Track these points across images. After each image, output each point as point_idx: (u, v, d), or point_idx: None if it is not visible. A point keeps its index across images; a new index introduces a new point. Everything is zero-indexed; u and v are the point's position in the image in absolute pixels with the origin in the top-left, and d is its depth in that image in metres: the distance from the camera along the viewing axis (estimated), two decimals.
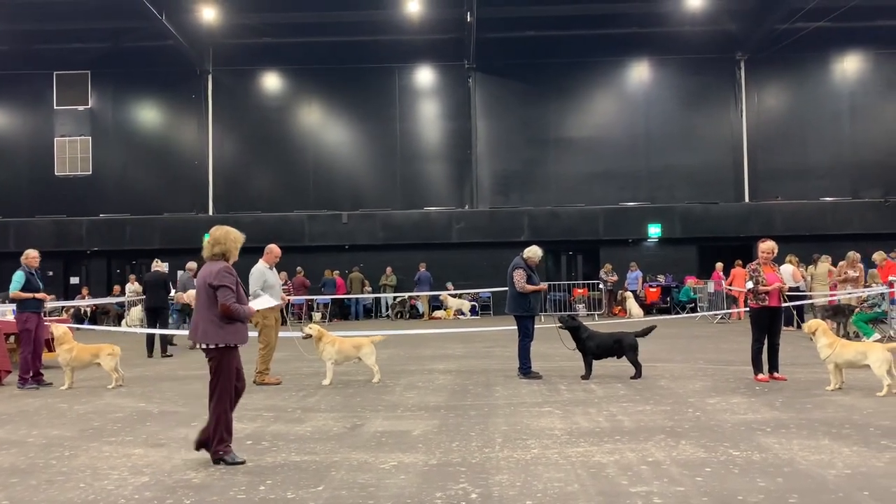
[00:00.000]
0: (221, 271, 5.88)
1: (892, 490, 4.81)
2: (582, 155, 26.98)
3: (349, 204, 26.79)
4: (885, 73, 27.01)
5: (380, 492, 5.06)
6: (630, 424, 7.08)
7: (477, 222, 26.37)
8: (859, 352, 8.61)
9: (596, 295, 24.28)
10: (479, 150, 27.30)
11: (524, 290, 10.27)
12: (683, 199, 26.42)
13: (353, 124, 27.84)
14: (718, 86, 27.21)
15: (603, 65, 27.21)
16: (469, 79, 27.26)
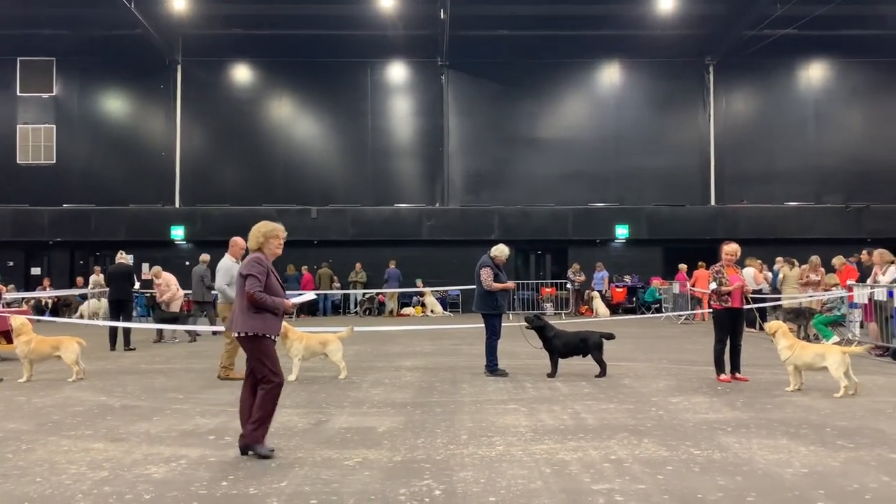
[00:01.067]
0: (251, 261, 6.03)
1: (846, 489, 4.92)
2: (553, 155, 27.13)
3: (319, 199, 26.63)
4: (848, 82, 27.58)
5: (343, 488, 5.04)
6: (594, 422, 7.14)
7: (447, 220, 26.40)
8: (818, 354, 8.78)
9: (563, 294, 24.45)
10: (450, 148, 27.32)
11: (491, 288, 10.32)
12: (651, 201, 26.71)
13: (325, 119, 27.69)
14: (688, 89, 27.56)
15: (575, 66, 27.40)
16: (442, 76, 27.26)
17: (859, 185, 26.72)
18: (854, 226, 25.81)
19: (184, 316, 16.88)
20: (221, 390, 9.25)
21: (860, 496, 4.77)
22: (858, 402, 8.09)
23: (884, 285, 12.34)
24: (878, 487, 4.94)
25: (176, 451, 6.08)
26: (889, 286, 12.14)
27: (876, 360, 11.81)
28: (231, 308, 10.08)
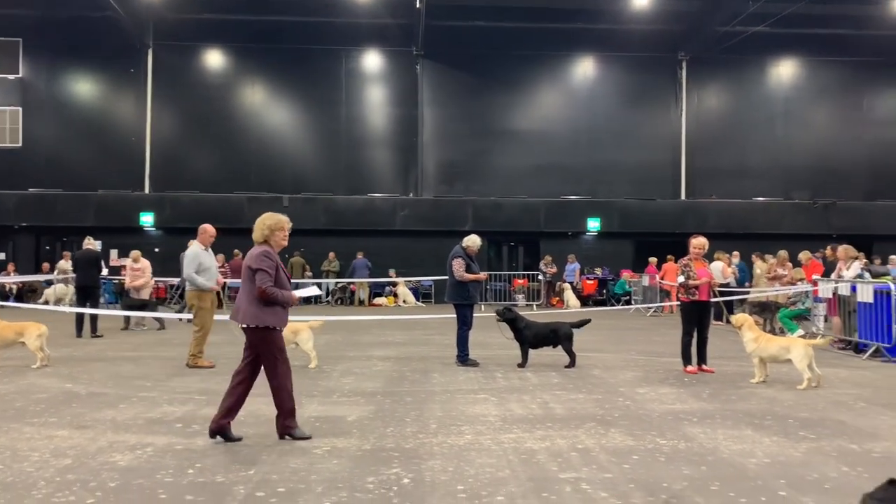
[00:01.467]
0: (260, 255, 6.03)
1: (807, 479, 5.02)
2: (526, 147, 27.20)
3: (291, 187, 26.41)
4: (818, 80, 28.01)
5: (311, 476, 5.04)
6: (562, 412, 7.21)
7: (421, 210, 26.37)
8: (782, 347, 8.94)
9: (535, 286, 24.59)
10: (424, 139, 27.27)
11: (463, 278, 10.34)
12: (622, 195, 26.93)
13: (298, 106, 27.47)
14: (660, 84, 27.78)
15: (549, 59, 27.46)
16: (417, 66, 27.17)
17: (826, 182, 27.19)
18: (821, 222, 26.25)
19: (152, 303, 16.69)
20: (190, 378, 9.17)
21: (820, 485, 4.87)
22: (821, 394, 8.26)
23: (847, 280, 12.59)
24: (837, 477, 5.05)
25: (142, 439, 6.02)
26: (852, 281, 12.39)
27: (838, 353, 12.06)
28: (198, 296, 10.09)
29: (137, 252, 16.69)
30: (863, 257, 14.49)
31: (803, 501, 4.55)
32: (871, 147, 27.48)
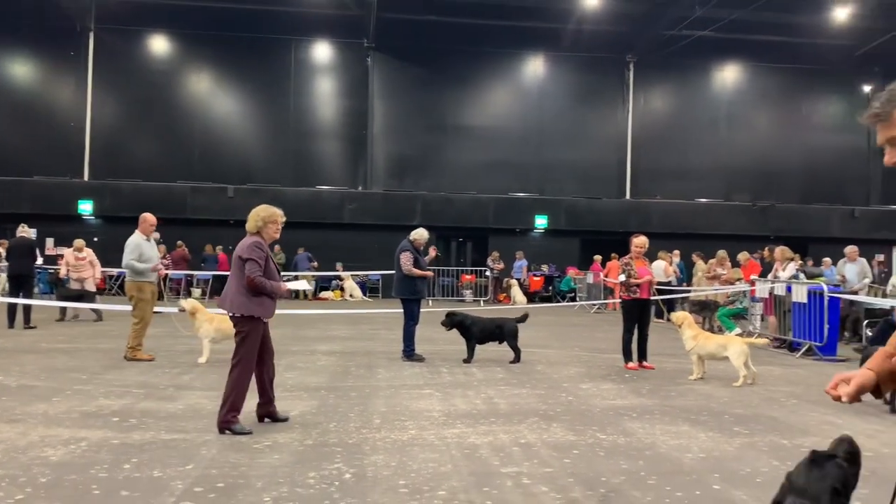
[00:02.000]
0: (251, 245, 6.13)
1: (739, 473, 5.17)
2: (476, 143, 27.31)
3: (237, 177, 25.94)
4: (759, 85, 28.81)
5: (252, 471, 4.97)
6: (506, 407, 7.27)
7: (370, 204, 26.22)
8: (720, 344, 9.19)
9: (483, 282, 24.72)
10: (374, 132, 27.12)
11: (410, 272, 10.32)
12: (570, 193, 27.25)
13: (245, 96, 27.00)
14: (608, 85, 28.20)
15: (501, 56, 27.59)
16: (368, 58, 26.99)
17: (765, 185, 28.02)
18: (759, 223, 27.03)
19: (90, 294, 16.22)
20: (128, 371, 8.95)
21: (752, 479, 5.02)
22: (755, 391, 8.52)
23: (783, 281, 13.00)
24: (768, 471, 5.21)
25: (76, 434, 5.85)
26: (788, 282, 12.80)
27: (773, 352, 12.45)
28: (138, 286, 9.84)
29: (81, 241, 16.13)
30: (798, 259, 14.97)
31: (736, 495, 4.69)
32: (807, 152, 28.40)
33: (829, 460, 2.15)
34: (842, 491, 2.06)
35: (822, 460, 2.15)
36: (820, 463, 2.15)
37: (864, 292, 14.20)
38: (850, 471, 2.13)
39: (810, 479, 2.11)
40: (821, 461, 2.15)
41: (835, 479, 2.08)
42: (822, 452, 2.18)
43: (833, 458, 2.15)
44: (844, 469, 2.12)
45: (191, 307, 9.85)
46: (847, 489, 2.08)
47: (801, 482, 2.12)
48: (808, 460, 2.17)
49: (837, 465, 2.13)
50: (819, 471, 2.12)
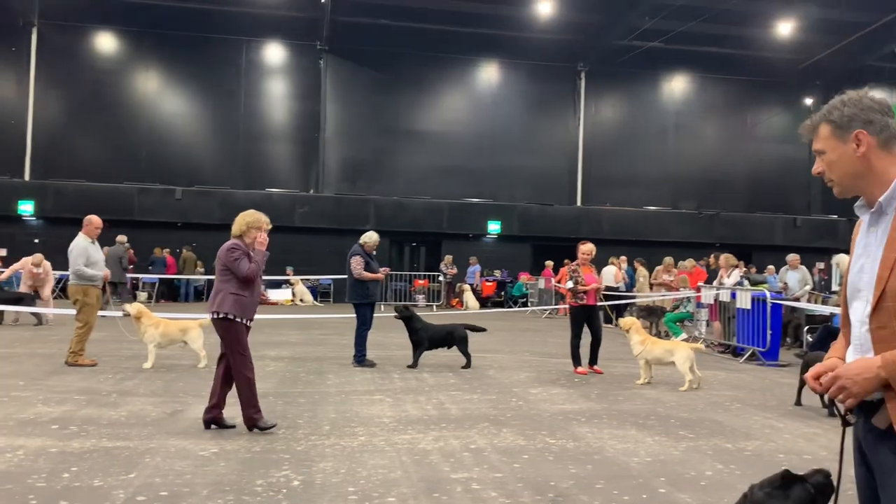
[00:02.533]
0: (230, 248, 6.32)
1: (685, 476, 5.27)
2: (430, 148, 27.33)
3: (185, 179, 25.47)
4: (706, 96, 29.51)
5: (197, 479, 4.87)
6: (457, 413, 7.27)
7: (322, 208, 26.00)
8: (667, 349, 9.37)
9: (436, 287, 24.72)
10: (327, 135, 26.92)
11: (361, 276, 10.25)
12: (522, 199, 27.46)
13: (194, 96, 26.51)
14: (560, 94, 28.53)
15: (454, 62, 27.68)
16: (321, 60, 26.79)
17: (711, 194, 28.69)
18: (705, 231, 27.66)
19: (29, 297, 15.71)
20: (70, 377, 8.68)
21: (697, 483, 5.12)
22: (700, 395, 8.70)
23: (728, 287, 13.31)
24: (712, 475, 5.32)
25: (12, 442, 5.65)
26: (732, 288, 13.11)
27: (718, 357, 12.73)
28: (83, 290, 9.57)
29: (40, 256, 15.46)
30: (742, 266, 15.35)
31: (681, 498, 4.77)
32: (751, 162, 29.18)
33: (798, 483, 2.14)
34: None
35: (791, 482, 2.14)
36: (787, 484, 2.14)
37: (805, 299, 14.64)
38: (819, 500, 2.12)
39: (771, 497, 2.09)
40: (789, 482, 2.14)
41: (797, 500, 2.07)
42: (794, 474, 2.18)
43: (803, 482, 2.15)
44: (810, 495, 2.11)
45: (136, 311, 9.62)
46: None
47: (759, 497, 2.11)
48: (777, 477, 2.16)
49: (804, 490, 2.12)
50: (782, 491, 2.11)
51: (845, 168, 2.20)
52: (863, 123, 2.17)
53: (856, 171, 2.19)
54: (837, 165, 2.21)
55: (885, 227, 2.13)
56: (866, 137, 2.16)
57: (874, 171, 2.17)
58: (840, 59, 26.86)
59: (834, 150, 2.21)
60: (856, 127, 2.17)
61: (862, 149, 2.16)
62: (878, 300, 2.08)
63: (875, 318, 2.09)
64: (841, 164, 2.21)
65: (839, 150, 2.20)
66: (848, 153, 2.18)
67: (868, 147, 2.16)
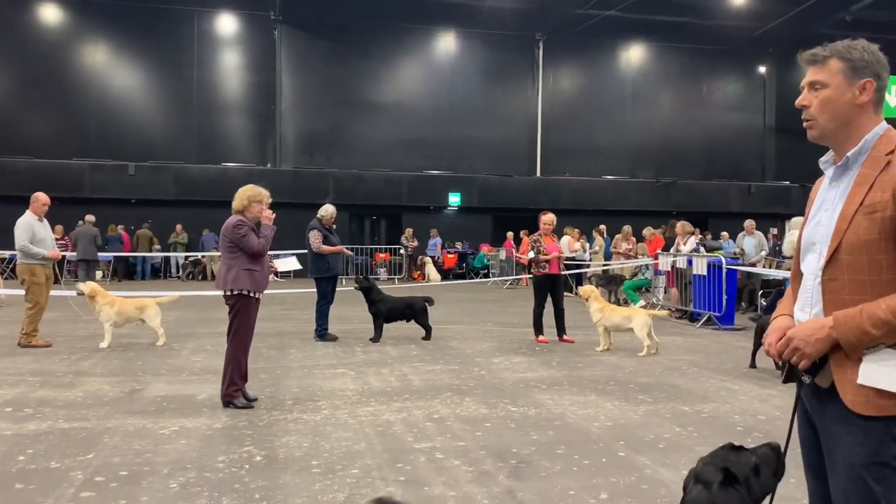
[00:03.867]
0: (236, 224, 6.33)
1: (644, 439, 5.38)
2: (388, 120, 27.05)
3: (138, 154, 24.82)
4: (663, 65, 29.68)
5: (157, 458, 4.82)
6: (420, 383, 7.30)
7: (279, 182, 25.50)
8: (625, 316, 9.51)
9: (397, 260, 24.67)
10: (283, 107, 26.47)
11: (320, 250, 10.15)
12: (482, 171, 27.44)
13: (145, 69, 25.76)
14: (518, 63, 28.42)
15: (411, 31, 27.36)
16: (275, 31, 26.23)
17: (668, 162, 29.00)
18: (663, 199, 28.02)
19: None
20: (23, 358, 8.48)
21: (655, 445, 5.23)
22: (658, 360, 8.86)
23: (684, 254, 13.53)
24: (670, 437, 5.44)
25: None
26: (689, 255, 13.33)
27: (675, 322, 12.97)
28: (31, 269, 9.32)
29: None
30: (698, 233, 15.61)
31: (640, 460, 4.87)
32: (707, 130, 29.54)
33: (739, 451, 2.16)
34: (739, 478, 2.06)
35: (731, 448, 2.17)
36: (727, 449, 2.16)
37: (760, 264, 14.97)
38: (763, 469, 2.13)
39: (711, 463, 2.11)
40: (729, 448, 2.16)
41: (734, 464, 2.09)
42: (738, 445, 2.19)
43: (744, 450, 2.17)
44: (751, 461, 2.12)
45: (90, 290, 9.41)
46: (749, 483, 2.08)
47: (700, 468, 2.13)
48: (720, 447, 2.19)
49: (747, 455, 2.14)
50: (722, 456, 2.13)
51: (839, 110, 2.15)
52: (873, 75, 2.14)
53: (847, 117, 2.15)
54: (832, 105, 2.16)
55: (849, 182, 2.13)
56: (872, 88, 2.13)
57: (857, 124, 2.15)
58: (793, 27, 27.17)
59: (837, 87, 2.14)
60: (867, 75, 2.13)
61: (864, 98, 2.13)
62: (834, 252, 2.09)
63: (828, 270, 2.11)
64: (836, 105, 2.15)
65: (841, 90, 2.14)
66: (848, 97, 2.14)
67: (869, 98, 2.14)
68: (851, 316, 2.01)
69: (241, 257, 6.29)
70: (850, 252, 2.06)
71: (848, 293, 2.06)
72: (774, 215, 27.24)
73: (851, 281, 2.06)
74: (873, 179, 2.07)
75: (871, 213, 2.03)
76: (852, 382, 2.03)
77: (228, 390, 6.22)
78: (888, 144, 2.10)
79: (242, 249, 6.28)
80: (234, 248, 6.31)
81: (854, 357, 2.03)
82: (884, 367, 2.00)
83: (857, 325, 2.00)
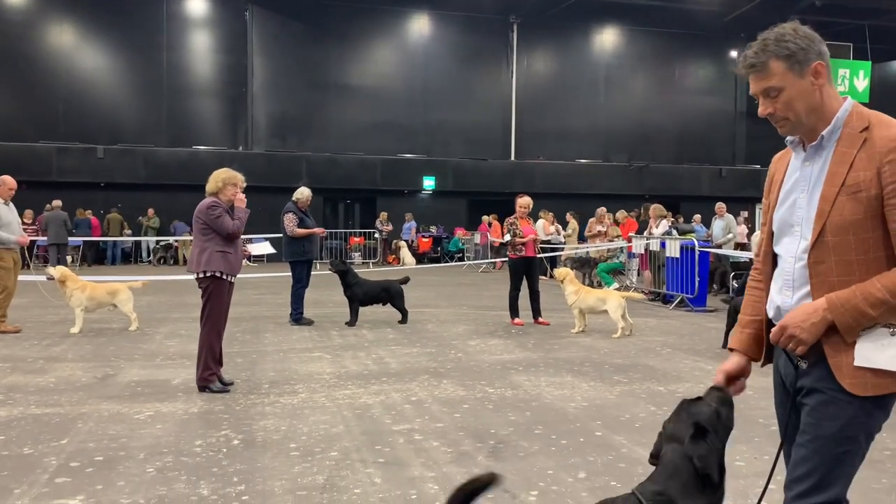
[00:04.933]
0: (209, 206, 6.29)
1: (620, 419, 5.44)
2: (362, 103, 26.84)
3: (106, 137, 24.40)
4: (636, 49, 29.77)
5: (133, 442, 4.77)
6: (397, 366, 7.31)
7: (252, 165, 25.22)
8: (599, 298, 9.59)
9: (372, 244, 24.60)
10: (255, 89, 26.12)
11: (295, 234, 10.07)
12: (456, 154, 27.39)
13: (114, 50, 25.25)
14: (493, 46, 28.33)
15: (385, 13, 27.09)
16: (246, 12, 25.83)
17: (641, 146, 29.18)
18: (635, 183, 28.21)
19: None
20: None
21: (631, 424, 5.30)
22: (633, 341, 8.96)
23: (657, 237, 13.66)
24: (645, 416, 5.51)
25: None
26: (661, 238, 13.46)
27: (649, 304, 13.11)
28: None
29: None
30: (670, 216, 15.76)
31: (616, 440, 4.93)
32: (679, 114, 29.74)
33: (696, 402, 2.24)
34: (708, 428, 2.12)
35: (688, 403, 2.24)
36: (685, 406, 2.24)
37: (730, 246, 15.16)
38: (722, 411, 2.22)
39: (678, 422, 2.19)
40: (686, 404, 2.24)
41: (698, 416, 2.16)
42: (692, 398, 2.27)
43: (700, 400, 2.24)
44: (712, 408, 2.20)
45: (60, 275, 9.26)
46: (716, 428, 2.14)
47: (670, 429, 2.21)
48: (677, 406, 2.26)
49: (705, 405, 2.21)
50: (685, 412, 2.20)
51: (807, 102, 2.10)
52: (817, 55, 2.09)
53: (815, 104, 2.10)
54: (798, 101, 2.09)
55: (825, 161, 2.10)
56: (824, 68, 2.09)
57: (824, 106, 2.11)
58: (763, 11, 27.35)
59: (793, 85, 2.08)
60: (813, 58, 2.08)
61: (821, 80, 2.08)
62: (819, 235, 2.07)
63: (814, 253, 2.09)
64: (803, 99, 2.09)
65: (798, 85, 2.08)
66: (807, 87, 2.08)
67: (825, 79, 2.09)
68: (846, 298, 2.00)
69: (215, 239, 6.24)
70: (837, 233, 2.05)
71: (836, 275, 2.06)
72: (746, 199, 27.60)
73: (839, 262, 2.05)
74: (852, 158, 2.04)
75: (856, 193, 2.02)
76: (849, 365, 2.03)
77: (203, 374, 6.20)
78: (860, 121, 2.07)
79: (216, 231, 6.22)
80: (207, 229, 6.25)
81: (850, 339, 2.02)
82: (880, 347, 2.00)
83: (854, 307, 1.99)
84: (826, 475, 2.06)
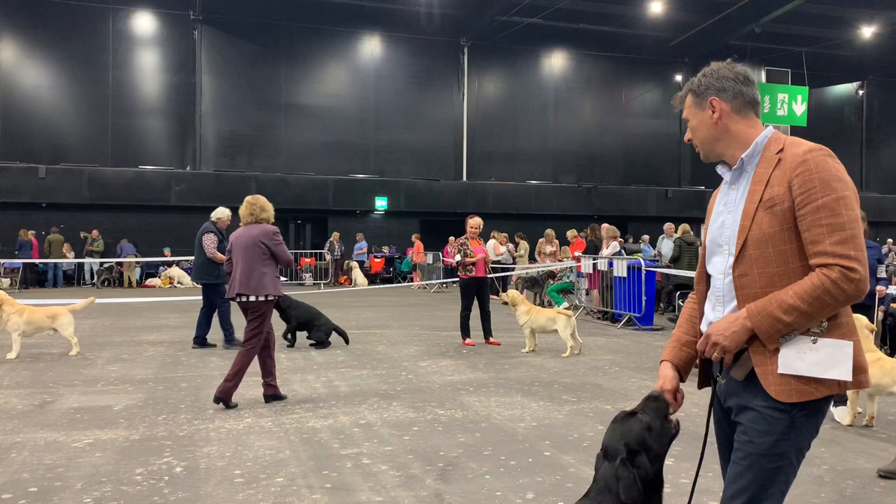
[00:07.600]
0: (275, 233, 6.64)
1: (568, 438, 5.47)
2: (313, 123, 26.75)
3: (49, 157, 23.79)
4: (584, 72, 30.36)
5: (70, 472, 4.60)
6: (346, 389, 7.23)
7: (200, 185, 24.97)
8: (549, 318, 9.67)
9: (323, 264, 24.40)
10: (203, 109, 25.81)
11: (215, 257, 9.67)
12: (408, 175, 27.44)
13: (57, 67, 24.67)
14: (444, 68, 28.57)
15: (336, 34, 27.11)
16: (195, 31, 25.57)
17: (589, 168, 29.69)
18: (584, 204, 28.64)
19: None
20: None
21: (579, 444, 5.33)
22: (582, 360, 9.04)
23: (605, 256, 13.86)
24: (594, 435, 5.55)
25: None
26: (610, 258, 13.66)
27: (598, 323, 13.26)
28: None
29: None
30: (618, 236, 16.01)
31: (565, 459, 4.95)
32: (626, 137, 30.38)
33: (629, 418, 2.28)
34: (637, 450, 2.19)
35: (623, 418, 2.29)
36: (620, 420, 2.29)
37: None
38: (654, 424, 2.26)
39: (611, 439, 2.24)
40: (621, 419, 2.29)
41: (628, 436, 2.22)
42: (625, 412, 2.32)
43: (634, 415, 2.29)
44: (643, 424, 2.24)
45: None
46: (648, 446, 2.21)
47: (605, 444, 2.26)
48: (613, 420, 2.31)
49: (636, 421, 2.26)
50: (619, 430, 2.25)
51: (705, 133, 2.35)
52: (716, 91, 2.31)
53: (713, 135, 2.33)
54: (699, 131, 2.36)
55: (747, 182, 2.25)
56: (720, 104, 2.30)
57: (732, 134, 2.31)
58: (706, 37, 28.26)
59: (695, 116, 2.36)
60: (710, 95, 2.32)
61: (716, 115, 2.31)
62: (741, 249, 2.19)
63: (738, 267, 2.21)
64: (701, 130, 2.35)
65: (699, 117, 2.35)
66: (705, 119, 2.33)
67: (721, 112, 2.30)
68: (763, 305, 2.11)
69: (272, 264, 6.55)
70: (757, 246, 2.17)
71: (759, 286, 2.16)
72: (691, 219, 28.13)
73: (762, 274, 2.16)
74: (768, 177, 2.19)
75: (771, 207, 2.15)
76: (774, 373, 2.12)
77: (229, 388, 6.38)
78: (777, 144, 2.24)
79: (276, 257, 6.54)
80: (267, 254, 6.51)
81: (772, 347, 2.12)
82: (800, 354, 2.10)
83: (769, 314, 2.09)
84: (759, 492, 2.13)
